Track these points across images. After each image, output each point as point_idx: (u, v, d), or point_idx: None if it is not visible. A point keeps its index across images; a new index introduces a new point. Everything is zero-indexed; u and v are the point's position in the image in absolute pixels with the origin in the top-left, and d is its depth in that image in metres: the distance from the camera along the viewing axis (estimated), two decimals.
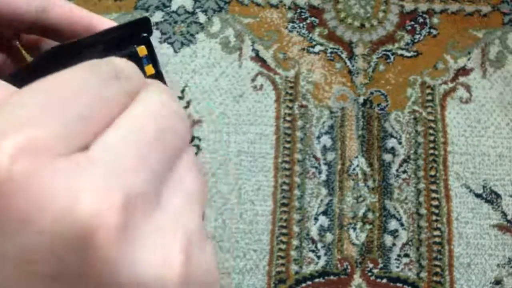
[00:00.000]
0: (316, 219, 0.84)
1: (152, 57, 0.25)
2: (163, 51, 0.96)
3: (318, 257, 0.82)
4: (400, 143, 0.89)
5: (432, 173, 0.87)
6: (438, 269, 0.82)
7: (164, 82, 0.24)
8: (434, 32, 0.96)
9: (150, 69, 0.24)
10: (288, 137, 0.89)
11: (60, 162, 0.14)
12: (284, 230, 0.84)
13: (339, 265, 0.82)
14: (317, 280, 0.82)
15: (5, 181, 0.14)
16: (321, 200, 0.85)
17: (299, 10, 0.98)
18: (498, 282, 0.81)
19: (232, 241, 0.84)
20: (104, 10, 1.00)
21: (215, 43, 0.96)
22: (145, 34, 0.24)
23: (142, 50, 0.24)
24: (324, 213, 0.85)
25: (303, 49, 0.95)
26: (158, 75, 0.25)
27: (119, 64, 0.18)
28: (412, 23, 0.97)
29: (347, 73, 0.93)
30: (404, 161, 0.87)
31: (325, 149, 0.88)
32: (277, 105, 0.91)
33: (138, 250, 0.15)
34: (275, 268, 0.82)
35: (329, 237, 0.84)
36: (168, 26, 0.98)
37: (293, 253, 0.83)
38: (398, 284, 0.81)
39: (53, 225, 0.14)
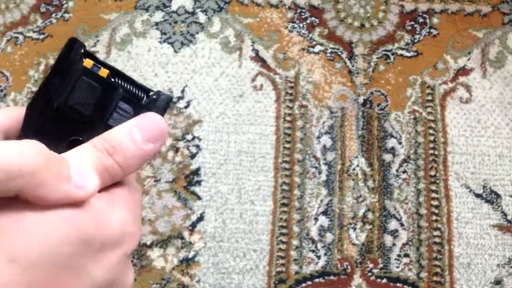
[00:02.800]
0: (316, 219, 0.84)
1: (99, 61, 0.28)
2: (163, 51, 0.96)
3: (318, 257, 0.82)
4: (400, 143, 0.89)
5: (432, 173, 0.87)
6: (438, 269, 0.82)
7: (121, 74, 0.28)
8: (434, 32, 0.96)
9: (103, 72, 0.27)
10: (288, 137, 0.89)
11: None
12: (284, 230, 0.84)
13: (339, 265, 0.82)
14: (317, 280, 0.82)
15: None
16: (321, 200, 0.85)
17: (299, 10, 0.98)
18: (498, 282, 0.81)
19: (232, 241, 0.84)
20: (104, 10, 1.00)
21: (215, 43, 0.96)
22: (82, 50, 0.28)
23: (88, 63, 0.27)
24: (324, 213, 0.85)
25: (303, 49, 0.95)
26: (112, 70, 0.28)
27: None
28: (412, 23, 0.97)
29: (347, 73, 0.93)
30: (404, 161, 0.87)
31: (325, 149, 0.88)
32: (277, 105, 0.91)
33: None
34: (275, 268, 0.82)
35: (329, 237, 0.84)
36: (168, 26, 0.98)
37: (293, 253, 0.83)
38: (398, 284, 0.81)
39: None
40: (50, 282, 0.23)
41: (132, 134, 0.27)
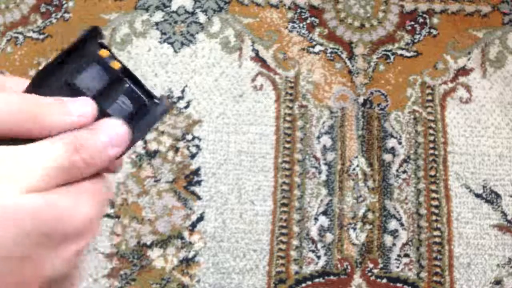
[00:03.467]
0: (316, 219, 0.85)
1: (114, 56, 0.30)
2: (163, 51, 0.96)
3: (318, 257, 0.83)
4: (400, 143, 0.89)
5: (432, 173, 0.87)
6: (438, 269, 0.82)
7: (130, 74, 0.30)
8: (434, 32, 0.96)
9: (116, 64, 0.29)
10: (288, 137, 0.89)
11: None
12: (284, 230, 0.84)
13: (339, 265, 0.82)
14: (317, 280, 0.82)
15: None
16: (321, 200, 0.85)
17: (299, 10, 0.98)
18: (498, 282, 0.81)
19: (232, 241, 0.84)
20: (104, 10, 1.00)
21: (215, 43, 0.96)
22: (100, 41, 0.30)
23: (104, 52, 0.29)
24: (324, 213, 0.85)
25: (303, 49, 0.95)
26: (124, 67, 0.30)
27: None
28: (412, 23, 0.97)
29: (347, 73, 0.93)
30: (404, 161, 0.87)
31: (325, 149, 0.88)
32: (277, 105, 0.91)
33: None
34: (275, 268, 0.82)
35: (329, 237, 0.84)
36: (168, 26, 0.98)
37: (293, 253, 0.83)
38: (398, 284, 0.81)
39: None
40: (7, 274, 0.23)
41: (98, 135, 0.28)
